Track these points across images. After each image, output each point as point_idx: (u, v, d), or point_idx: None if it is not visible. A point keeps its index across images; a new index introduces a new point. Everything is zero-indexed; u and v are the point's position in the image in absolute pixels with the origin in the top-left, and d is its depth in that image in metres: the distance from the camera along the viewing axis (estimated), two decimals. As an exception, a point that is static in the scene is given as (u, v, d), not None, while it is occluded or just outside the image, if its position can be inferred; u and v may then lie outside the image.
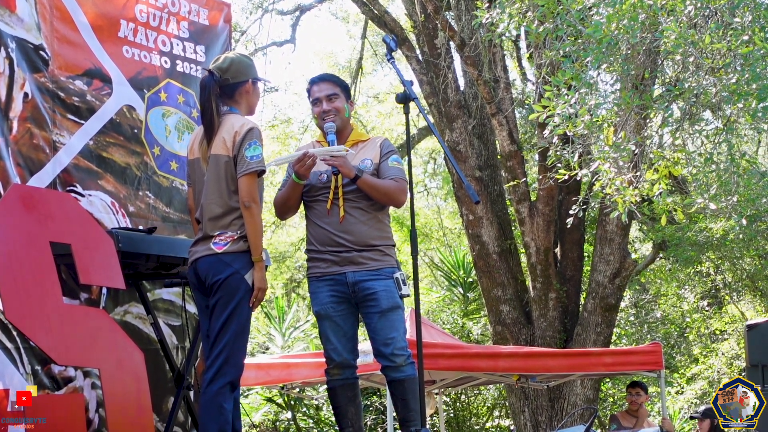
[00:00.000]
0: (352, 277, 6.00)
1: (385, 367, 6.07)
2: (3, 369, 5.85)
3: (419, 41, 15.12)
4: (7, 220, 5.26)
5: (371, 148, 6.23)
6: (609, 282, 14.17)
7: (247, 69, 5.73)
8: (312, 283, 6.15)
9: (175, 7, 7.41)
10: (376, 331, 6.04)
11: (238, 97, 5.69)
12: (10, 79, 6.22)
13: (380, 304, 5.99)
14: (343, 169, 5.96)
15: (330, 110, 6.19)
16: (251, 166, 5.43)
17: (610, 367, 11.50)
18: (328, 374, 6.16)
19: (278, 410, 18.26)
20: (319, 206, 6.09)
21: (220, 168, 5.50)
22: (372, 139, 6.35)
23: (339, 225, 6.02)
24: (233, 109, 5.65)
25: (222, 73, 5.63)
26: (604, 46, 7.14)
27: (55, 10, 6.59)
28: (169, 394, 6.98)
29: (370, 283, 6.00)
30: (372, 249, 6.05)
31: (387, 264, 6.09)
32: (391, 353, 6.00)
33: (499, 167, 15.25)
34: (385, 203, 6.15)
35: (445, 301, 21.08)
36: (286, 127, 23.35)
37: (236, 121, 5.56)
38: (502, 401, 18.68)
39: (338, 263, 6.02)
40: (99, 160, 6.75)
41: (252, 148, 5.45)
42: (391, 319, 6.04)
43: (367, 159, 6.17)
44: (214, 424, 5.30)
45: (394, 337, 6.03)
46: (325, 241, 6.04)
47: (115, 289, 6.54)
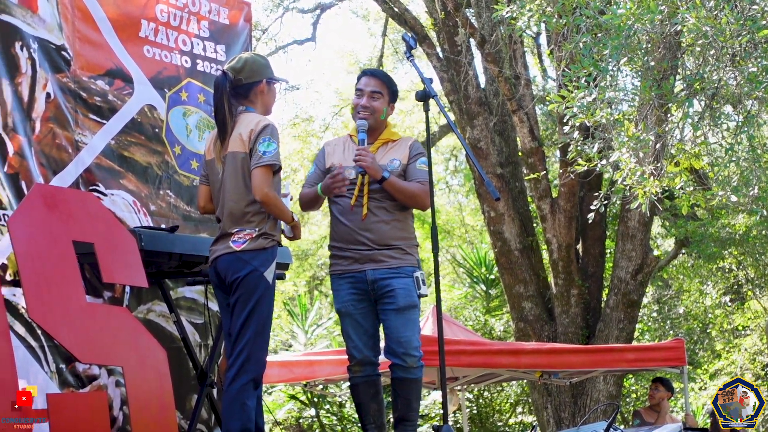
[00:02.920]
0: (372, 275, 6.03)
1: (394, 365, 6.09)
2: (28, 367, 5.88)
3: (439, 39, 15.11)
4: (30, 219, 5.28)
5: (401, 149, 6.25)
6: (631, 278, 14.13)
7: (261, 69, 5.74)
8: (334, 280, 6.20)
9: (195, 6, 7.43)
10: (390, 329, 6.05)
11: (253, 96, 5.70)
12: (32, 80, 6.25)
13: (397, 302, 6.01)
14: (370, 170, 5.99)
15: (367, 107, 6.21)
16: (263, 160, 5.44)
17: (633, 364, 11.49)
18: (350, 371, 6.19)
19: (302, 407, 18.29)
20: (343, 202, 6.12)
21: (237, 165, 5.52)
22: (402, 139, 6.35)
23: (361, 223, 6.04)
24: (249, 108, 5.67)
25: (236, 73, 5.65)
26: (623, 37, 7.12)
27: (77, 11, 6.62)
28: (192, 392, 7.00)
29: (389, 280, 6.03)
30: (393, 247, 6.08)
31: (407, 263, 6.11)
32: (404, 353, 6.02)
33: (520, 164, 15.22)
34: (410, 206, 6.16)
35: (467, 298, 21.08)
36: (308, 125, 23.38)
37: (252, 118, 5.58)
38: (525, 398, 18.66)
39: (359, 261, 6.05)
40: (121, 160, 6.78)
41: (266, 143, 5.46)
42: (406, 317, 6.06)
43: (396, 159, 6.18)
44: (237, 421, 5.33)
45: (408, 337, 6.05)
46: (347, 239, 6.07)
47: (138, 288, 6.57)
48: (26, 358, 5.90)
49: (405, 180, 6.14)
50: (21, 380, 5.18)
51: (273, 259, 5.53)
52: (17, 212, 5.33)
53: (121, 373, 5.57)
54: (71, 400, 5.66)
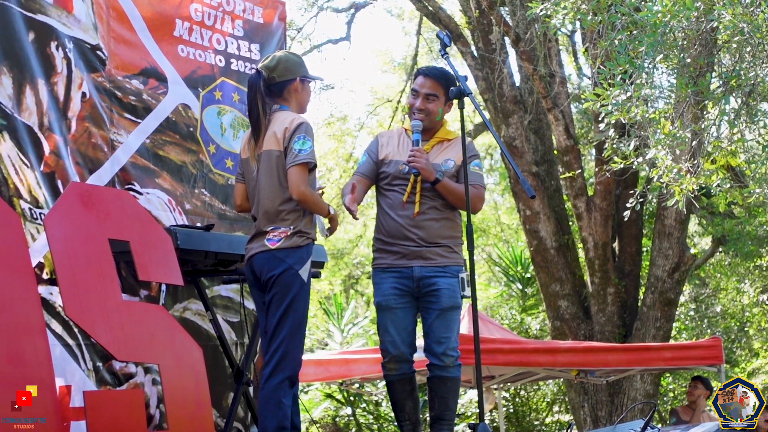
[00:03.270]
0: (419, 271, 6.01)
1: (432, 365, 6.08)
2: (65, 366, 5.91)
3: (474, 37, 15.09)
4: (67, 217, 5.31)
5: (455, 149, 6.22)
6: (668, 276, 14.06)
7: (294, 67, 5.73)
8: (377, 274, 6.16)
9: (229, 5, 7.45)
10: (431, 328, 6.04)
11: (286, 95, 5.70)
12: (68, 79, 6.29)
13: (441, 302, 6.00)
14: (424, 172, 5.98)
15: (423, 109, 6.19)
16: (298, 158, 5.44)
17: (670, 362, 11.41)
18: (384, 368, 6.16)
19: (338, 406, 18.31)
20: (394, 197, 6.12)
21: (272, 163, 5.52)
22: (457, 138, 6.30)
23: (412, 220, 6.03)
24: (283, 107, 5.67)
25: (269, 72, 5.65)
26: (659, 35, 7.08)
27: (112, 11, 6.65)
28: (228, 390, 7.02)
29: (435, 279, 6.01)
30: (441, 245, 6.07)
31: (454, 261, 6.10)
32: (442, 353, 6.01)
33: (555, 162, 15.18)
34: (461, 208, 6.13)
35: (503, 296, 21.04)
36: (342, 124, 23.38)
37: (287, 116, 5.58)
38: (562, 396, 18.60)
39: (406, 256, 6.04)
40: (156, 159, 6.81)
41: (301, 141, 5.46)
42: (448, 318, 6.06)
43: (451, 160, 6.17)
44: (273, 419, 5.33)
45: (448, 337, 6.04)
46: (395, 234, 6.06)
47: (174, 286, 6.60)
48: (63, 356, 5.93)
49: (458, 180, 6.12)
50: (58, 378, 5.22)
51: (308, 257, 5.53)
52: (53, 211, 5.37)
53: (158, 371, 5.58)
54: (108, 397, 5.69)
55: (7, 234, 5.01)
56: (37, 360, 4.87)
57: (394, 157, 6.17)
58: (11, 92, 5.90)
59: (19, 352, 4.80)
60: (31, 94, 6.02)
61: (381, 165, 6.19)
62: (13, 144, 5.84)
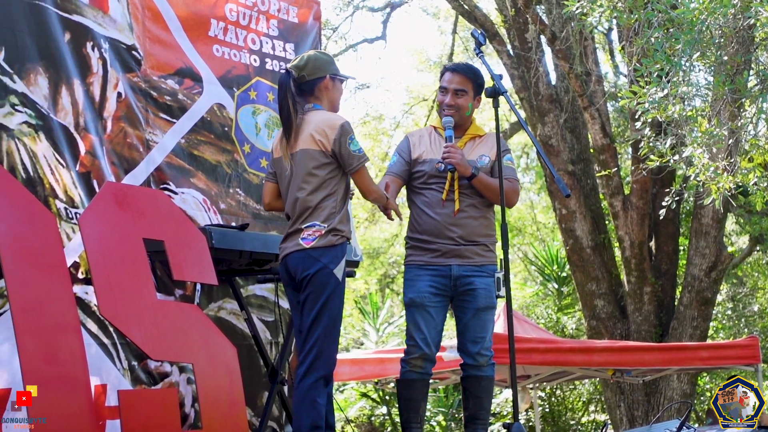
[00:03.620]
0: (457, 270, 6.00)
1: (466, 365, 6.06)
2: (100, 365, 5.94)
3: (510, 35, 15.06)
4: (102, 217, 5.33)
5: (488, 144, 6.22)
6: (705, 275, 13.98)
7: (324, 65, 5.73)
8: (411, 270, 6.12)
9: (264, 5, 7.46)
10: (467, 327, 6.03)
11: (318, 93, 5.70)
12: (103, 79, 6.32)
13: (478, 302, 6.00)
14: (460, 167, 5.97)
15: (453, 105, 6.18)
16: (361, 159, 5.54)
17: (707, 362, 11.34)
18: (408, 364, 6.07)
19: (373, 405, 18.32)
20: (432, 195, 6.10)
21: (309, 162, 5.51)
22: (488, 134, 6.32)
23: (452, 218, 6.02)
24: (316, 105, 5.67)
25: (299, 71, 5.66)
26: (696, 32, 7.05)
27: (147, 11, 6.67)
28: (263, 389, 7.03)
29: (473, 278, 6.01)
30: (478, 244, 6.06)
31: (490, 261, 6.10)
32: (477, 352, 6.01)
33: (591, 161, 15.13)
34: (497, 203, 6.12)
35: (539, 295, 20.96)
36: (378, 123, 23.39)
37: (325, 116, 5.58)
38: (598, 396, 18.52)
39: (444, 254, 6.02)
40: (191, 158, 6.82)
41: (353, 142, 5.53)
42: (484, 318, 6.05)
43: (486, 156, 6.16)
44: (308, 418, 5.33)
45: (483, 337, 6.04)
46: (433, 232, 6.03)
47: (208, 286, 6.61)
48: (99, 355, 5.96)
49: (492, 176, 6.11)
50: (93, 377, 5.24)
51: (343, 255, 5.53)
52: (88, 210, 5.39)
53: (192, 371, 5.60)
54: (143, 397, 5.70)
55: (43, 233, 5.03)
56: (72, 359, 4.89)
57: (429, 155, 6.16)
58: (47, 92, 5.93)
59: (55, 352, 4.83)
60: (67, 94, 6.05)
61: (415, 164, 6.18)
62: (48, 144, 5.87)
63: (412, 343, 6.04)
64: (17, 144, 5.71)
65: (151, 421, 5.14)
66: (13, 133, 5.70)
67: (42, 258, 4.97)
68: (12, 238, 4.88)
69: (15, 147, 5.70)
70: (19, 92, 5.76)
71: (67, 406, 4.79)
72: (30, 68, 5.85)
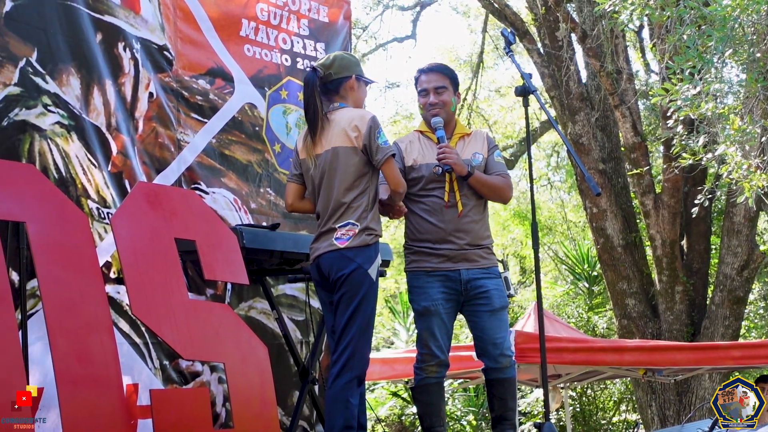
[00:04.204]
0: (466, 274, 5.93)
1: (489, 368, 6.03)
2: (132, 364, 5.96)
3: (540, 34, 15.03)
4: (134, 217, 5.34)
5: (478, 142, 6.18)
6: (737, 274, 13.90)
7: (350, 65, 5.73)
8: (419, 277, 6.00)
9: (295, 5, 7.47)
10: (484, 330, 5.97)
11: (343, 92, 5.68)
12: (135, 80, 6.34)
13: (492, 303, 5.95)
14: (457, 167, 5.89)
15: (437, 103, 6.11)
16: (389, 150, 5.50)
17: (739, 361, 11.27)
18: (424, 371, 6.02)
19: (404, 404, 18.31)
20: (432, 202, 5.99)
21: (340, 160, 5.49)
22: (475, 132, 6.28)
23: (457, 223, 5.92)
24: (342, 104, 5.66)
25: (325, 69, 5.66)
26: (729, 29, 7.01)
27: (179, 11, 6.69)
28: (293, 389, 7.04)
29: (483, 281, 5.95)
30: (482, 247, 6.02)
31: (493, 263, 6.07)
32: (499, 354, 5.96)
33: (622, 159, 15.08)
34: (493, 200, 6.12)
35: (569, 294, 20.91)
36: (408, 122, 23.38)
37: (354, 113, 5.57)
38: (629, 395, 18.46)
39: (452, 259, 5.93)
40: (222, 158, 6.84)
41: (381, 135, 5.51)
42: (500, 318, 6.00)
43: (479, 153, 6.11)
44: (341, 418, 5.32)
45: (503, 337, 5.99)
46: (438, 239, 5.93)
47: (239, 285, 6.62)
48: (130, 354, 5.98)
49: (486, 173, 6.09)
50: (125, 377, 5.26)
51: (376, 255, 5.51)
52: (120, 210, 5.40)
53: (224, 370, 5.60)
54: (174, 396, 5.73)
55: (76, 234, 5.05)
56: (104, 359, 4.90)
57: (423, 160, 6.05)
58: (79, 93, 5.96)
59: (87, 351, 4.84)
60: (99, 94, 6.08)
61: (410, 171, 6.06)
62: (81, 144, 5.90)
63: (427, 351, 5.97)
64: (50, 144, 5.74)
65: (184, 420, 5.15)
66: (46, 133, 5.73)
67: (75, 258, 4.99)
68: (45, 239, 4.90)
69: (47, 147, 5.73)
70: (52, 93, 5.79)
71: (99, 406, 4.81)
72: (62, 69, 5.88)
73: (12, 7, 5.67)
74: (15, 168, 5.16)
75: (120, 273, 5.81)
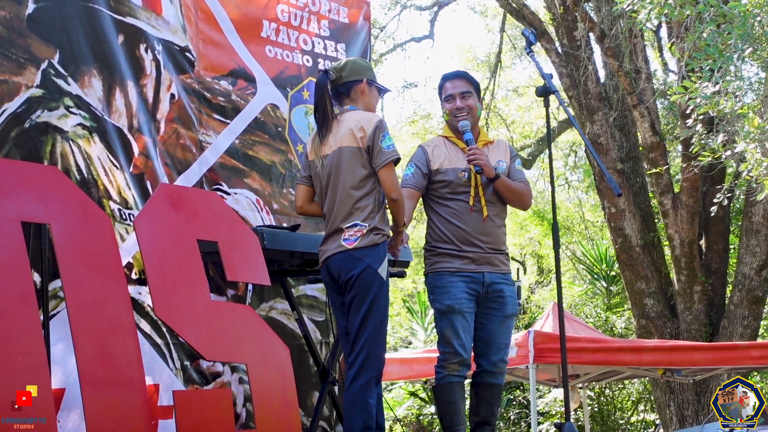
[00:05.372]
0: (489, 277, 6.00)
1: (484, 371, 6.09)
2: (153, 364, 5.98)
3: (558, 34, 15.02)
4: (156, 218, 5.36)
5: (501, 150, 6.26)
6: (756, 274, 13.87)
7: (362, 69, 5.74)
8: (442, 277, 6.03)
9: (315, 6, 7.49)
10: (492, 333, 6.04)
11: (354, 95, 5.68)
12: (157, 81, 6.36)
13: (506, 309, 6.05)
14: (487, 168, 5.95)
15: (463, 108, 6.16)
16: (390, 155, 5.46)
17: (758, 361, 11.26)
18: (445, 369, 6.01)
19: (422, 404, 18.32)
20: (458, 205, 6.05)
21: (348, 160, 5.48)
22: (497, 140, 6.37)
23: (481, 226, 5.99)
24: (352, 107, 5.67)
25: (337, 72, 5.67)
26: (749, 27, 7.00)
27: (200, 12, 6.71)
28: (314, 389, 7.06)
29: (502, 285, 6.05)
30: (502, 252, 6.11)
31: (509, 270, 6.20)
32: (500, 359, 6.07)
33: (641, 159, 15.06)
34: (515, 205, 6.22)
35: (587, 294, 20.90)
36: (426, 122, 23.38)
37: (361, 115, 5.57)
38: (647, 395, 18.44)
39: (476, 262, 5.99)
40: (245, 159, 6.86)
41: (386, 138, 5.48)
42: (508, 325, 6.14)
43: (502, 161, 6.18)
44: (359, 419, 5.33)
45: (507, 344, 6.13)
46: (462, 241, 5.99)
47: (260, 286, 6.64)
48: (152, 355, 6.00)
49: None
50: (147, 377, 5.26)
51: (385, 254, 5.50)
52: (143, 212, 5.42)
53: (245, 371, 5.61)
54: (196, 396, 5.74)
55: (98, 235, 5.07)
56: (127, 359, 4.92)
57: (450, 165, 6.10)
58: (101, 94, 5.98)
59: (110, 352, 4.86)
60: (121, 96, 6.10)
61: (435, 175, 6.10)
62: (103, 146, 5.92)
63: (450, 350, 5.97)
64: (72, 146, 5.76)
65: (206, 421, 5.16)
66: (68, 135, 5.75)
67: (98, 259, 5.00)
68: (68, 240, 4.92)
69: (69, 149, 5.75)
70: (74, 94, 5.81)
71: (122, 407, 4.82)
72: (84, 70, 5.90)
73: (34, 9, 5.69)
74: (38, 170, 5.18)
75: (141, 274, 5.83)
